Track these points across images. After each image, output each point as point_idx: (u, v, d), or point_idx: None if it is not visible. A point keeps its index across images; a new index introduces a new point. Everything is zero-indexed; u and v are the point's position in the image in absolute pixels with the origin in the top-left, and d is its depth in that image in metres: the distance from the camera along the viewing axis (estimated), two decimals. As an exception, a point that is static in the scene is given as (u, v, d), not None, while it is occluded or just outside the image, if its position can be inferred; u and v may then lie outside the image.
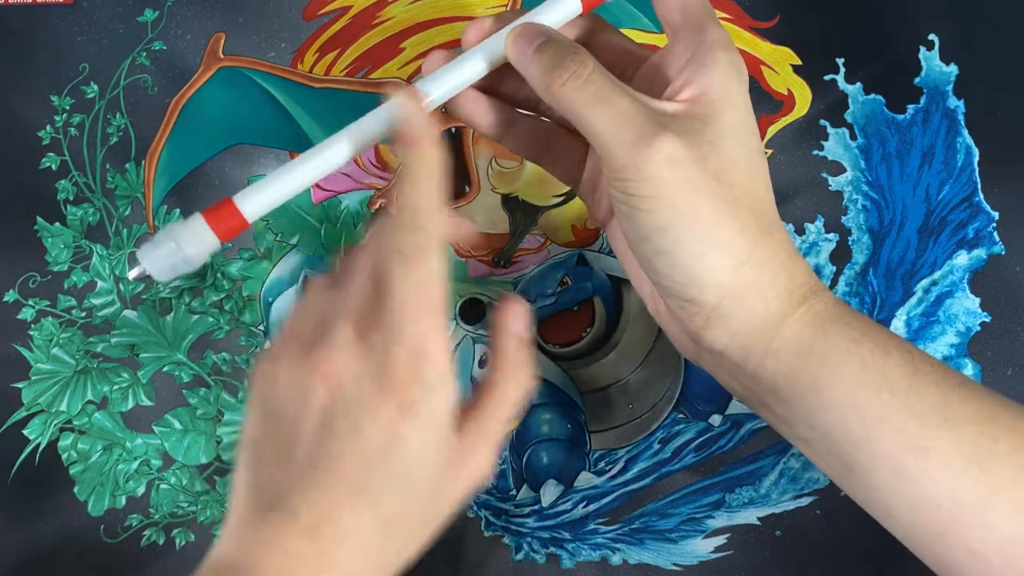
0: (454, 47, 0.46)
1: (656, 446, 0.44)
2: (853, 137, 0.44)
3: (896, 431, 0.27)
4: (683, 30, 0.30)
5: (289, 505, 0.27)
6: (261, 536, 0.27)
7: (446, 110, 0.33)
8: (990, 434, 0.27)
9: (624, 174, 0.27)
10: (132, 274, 0.29)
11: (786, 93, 0.45)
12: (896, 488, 0.27)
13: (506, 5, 0.46)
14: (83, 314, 0.46)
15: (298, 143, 0.46)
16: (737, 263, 0.28)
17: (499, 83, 0.33)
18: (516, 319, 0.31)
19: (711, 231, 0.28)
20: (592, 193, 0.34)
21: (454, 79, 0.31)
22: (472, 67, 0.31)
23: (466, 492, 0.30)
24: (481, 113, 0.33)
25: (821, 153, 0.45)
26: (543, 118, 0.35)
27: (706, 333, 0.29)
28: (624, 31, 0.46)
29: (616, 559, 0.43)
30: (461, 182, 0.46)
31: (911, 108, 0.44)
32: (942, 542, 0.27)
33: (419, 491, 0.28)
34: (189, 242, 0.29)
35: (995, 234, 0.43)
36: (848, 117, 0.45)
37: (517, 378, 0.31)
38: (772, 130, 0.45)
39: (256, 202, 0.30)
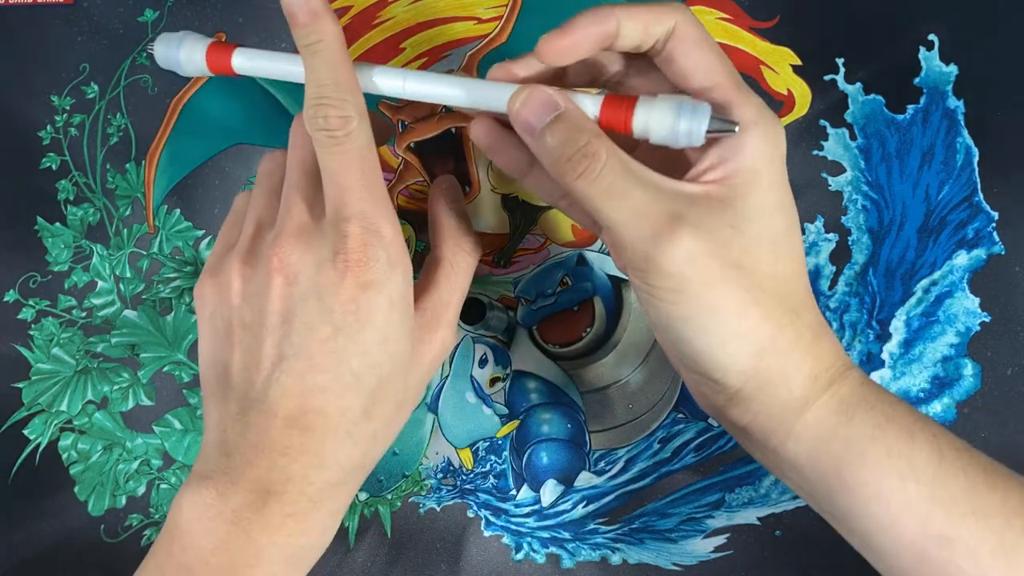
0: (450, 49, 0.46)
1: (656, 446, 0.44)
2: (853, 137, 0.45)
3: (921, 520, 0.26)
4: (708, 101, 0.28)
5: (268, 401, 0.27)
6: (248, 437, 0.27)
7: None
8: (1018, 526, 0.26)
9: (644, 266, 0.26)
10: (149, 47, 0.35)
11: (786, 93, 0.45)
12: (920, 574, 0.27)
13: (506, 6, 0.46)
14: (83, 314, 0.46)
15: (298, 143, 0.46)
16: (760, 350, 0.27)
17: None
18: (448, 191, 0.32)
19: (733, 321, 0.27)
20: (593, 222, 0.34)
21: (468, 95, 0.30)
22: (447, 92, 0.30)
23: (434, 366, 0.31)
24: (502, 149, 0.32)
25: (821, 153, 0.45)
26: None
27: (728, 411, 0.29)
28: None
29: (616, 559, 0.43)
30: (461, 182, 0.46)
31: (911, 108, 0.44)
32: None
33: (392, 367, 0.28)
34: (187, 54, 0.32)
35: (995, 234, 0.43)
36: (848, 117, 0.45)
37: (461, 246, 0.31)
38: (772, 130, 0.45)
39: (248, 61, 0.32)
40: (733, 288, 0.27)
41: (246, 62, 0.32)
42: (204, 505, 0.28)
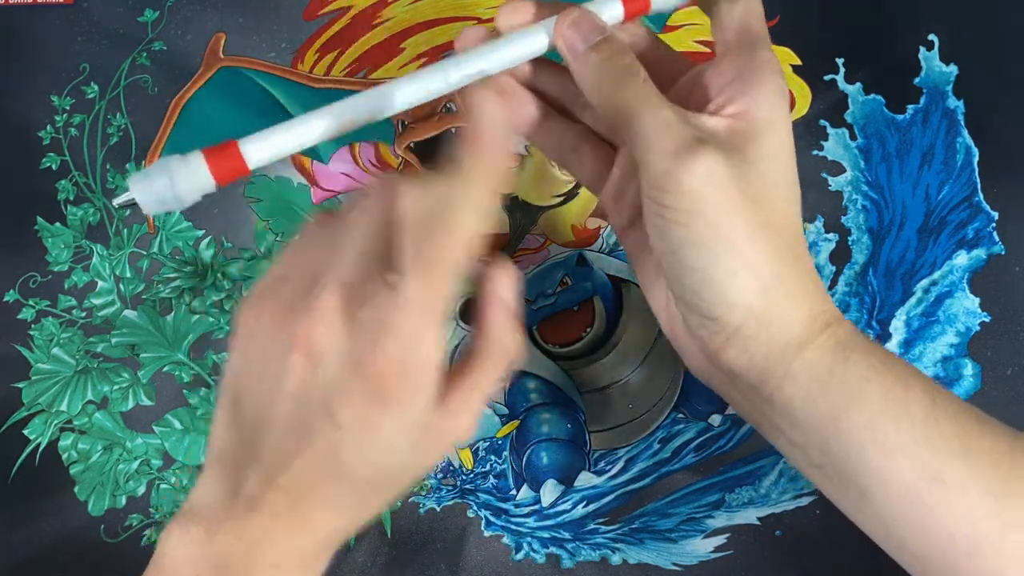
0: (451, 48, 0.46)
1: (656, 446, 0.44)
2: (853, 137, 0.45)
3: (914, 461, 0.27)
4: (734, 49, 0.29)
5: (264, 463, 0.27)
6: (244, 488, 0.27)
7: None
8: (1007, 467, 0.27)
9: (663, 183, 0.27)
10: (118, 200, 0.27)
11: (786, 93, 0.45)
12: (911, 518, 0.27)
13: (506, 5, 0.46)
14: (83, 314, 0.46)
15: (298, 143, 0.46)
16: (766, 285, 0.28)
17: (534, 77, 0.32)
18: (503, 284, 0.30)
19: (745, 251, 0.27)
20: (615, 202, 0.33)
21: (504, 55, 0.29)
22: (528, 45, 0.29)
23: (444, 453, 0.31)
24: (516, 107, 0.32)
25: (821, 153, 0.45)
26: (573, 120, 0.34)
27: (726, 353, 0.29)
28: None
29: (616, 559, 0.43)
30: (461, 182, 0.46)
31: (911, 108, 0.44)
32: (954, 573, 0.27)
33: (395, 467, 0.28)
34: (183, 178, 0.27)
35: (995, 234, 0.43)
36: (848, 117, 0.45)
37: (504, 345, 0.30)
38: (772, 130, 0.45)
39: (261, 149, 0.28)
40: (747, 218, 0.27)
41: (260, 154, 0.28)
42: (191, 542, 0.27)
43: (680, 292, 0.29)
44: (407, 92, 0.29)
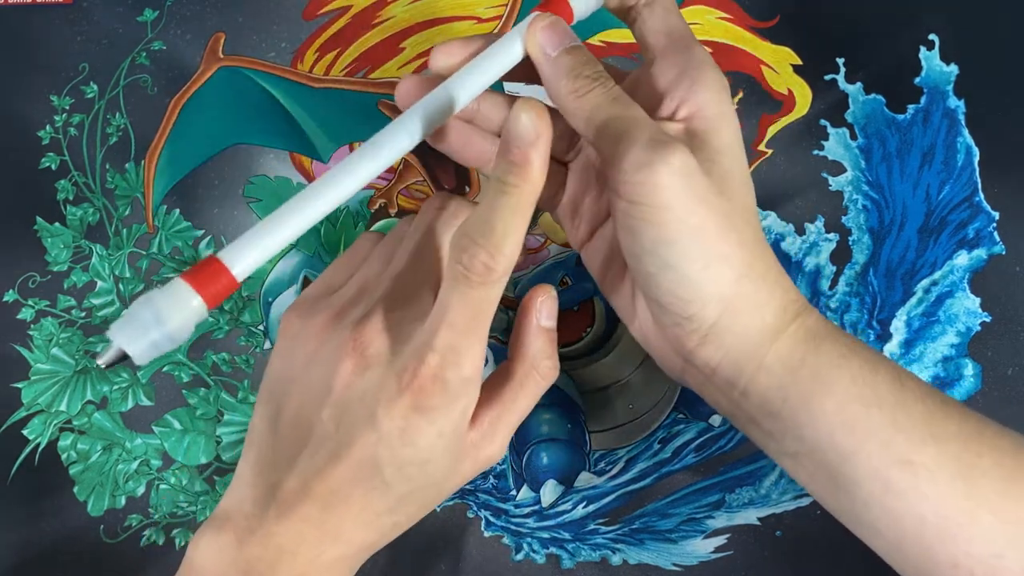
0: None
1: (656, 446, 0.44)
2: (853, 137, 0.44)
3: (884, 445, 0.27)
4: (668, 51, 0.30)
5: (300, 470, 0.28)
6: (276, 495, 0.28)
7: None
8: (975, 450, 0.27)
9: (636, 177, 0.27)
10: (102, 360, 0.24)
11: (786, 93, 0.45)
12: (882, 502, 0.28)
13: (506, 5, 0.46)
14: (83, 314, 0.46)
15: (298, 143, 0.46)
16: (738, 275, 0.28)
17: (478, 110, 0.32)
18: (544, 309, 0.31)
19: (715, 244, 0.28)
20: (571, 217, 0.34)
21: (482, 75, 0.29)
22: (507, 55, 0.29)
23: (476, 473, 0.30)
24: (466, 144, 0.32)
25: (821, 153, 0.45)
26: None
27: (701, 351, 0.29)
28: (624, 31, 0.46)
29: (616, 559, 0.43)
30: (461, 182, 0.46)
31: (911, 108, 0.44)
32: (927, 556, 0.27)
33: (428, 481, 0.29)
34: (172, 312, 0.24)
35: (995, 234, 0.43)
36: (848, 117, 0.45)
37: (538, 370, 0.31)
38: (772, 130, 0.45)
39: (245, 258, 0.26)
40: (715, 211, 0.27)
41: (246, 264, 0.26)
42: (220, 548, 0.28)
43: (655, 293, 0.29)
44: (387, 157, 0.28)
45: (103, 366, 0.24)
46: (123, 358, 0.24)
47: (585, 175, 0.33)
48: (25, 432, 0.45)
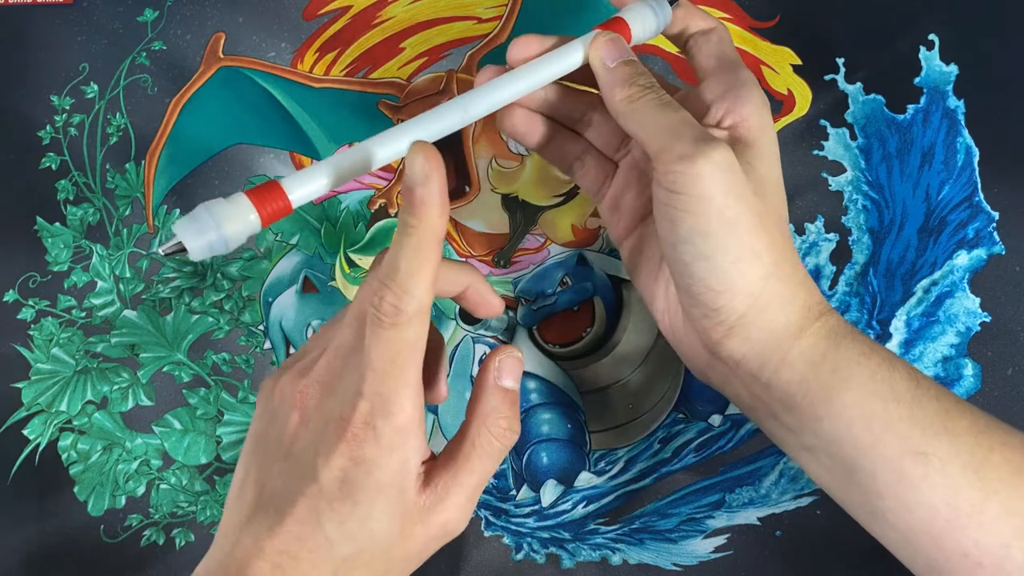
0: (450, 48, 0.46)
1: (656, 446, 0.44)
2: (853, 137, 0.44)
3: (900, 438, 0.29)
4: (717, 71, 0.33)
5: (255, 527, 0.28)
6: (235, 553, 0.28)
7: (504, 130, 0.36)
8: (986, 445, 0.29)
9: (679, 166, 0.29)
10: (164, 248, 0.27)
11: (786, 93, 0.45)
12: (897, 492, 0.29)
13: (506, 5, 0.46)
14: (83, 314, 0.46)
15: (298, 143, 0.46)
16: (767, 273, 0.30)
17: (545, 101, 0.36)
18: (508, 370, 0.31)
19: (748, 239, 0.29)
20: (614, 210, 0.37)
21: (541, 72, 0.33)
22: (567, 60, 0.33)
23: (435, 545, 0.30)
24: (533, 129, 0.36)
25: (821, 153, 0.45)
26: (578, 135, 0.38)
27: (727, 342, 0.31)
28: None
29: (616, 559, 0.43)
30: (461, 182, 0.46)
31: (911, 108, 0.44)
32: (937, 545, 0.28)
33: (372, 542, 0.28)
34: (230, 221, 0.27)
35: (995, 234, 0.43)
36: (848, 117, 0.45)
37: (491, 431, 0.30)
38: (772, 130, 0.45)
39: (303, 187, 0.29)
40: (750, 209, 0.29)
41: (303, 193, 0.29)
42: None
43: (687, 283, 0.31)
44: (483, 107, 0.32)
45: (163, 254, 0.27)
46: (181, 251, 0.27)
47: (629, 174, 0.36)
48: (25, 432, 0.45)
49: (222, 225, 0.27)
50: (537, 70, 0.33)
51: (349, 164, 0.29)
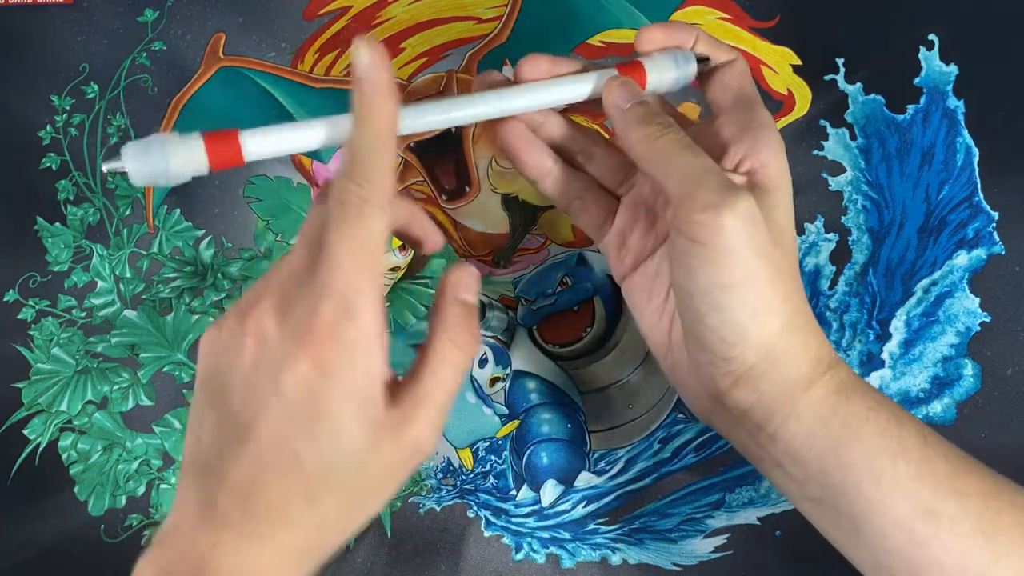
0: (450, 48, 0.46)
1: (656, 446, 0.44)
2: (853, 137, 0.44)
3: (910, 496, 0.28)
4: (736, 109, 0.32)
5: (221, 467, 0.27)
6: (198, 501, 0.27)
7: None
8: (995, 507, 0.29)
9: (702, 216, 0.28)
10: (107, 166, 0.28)
11: (786, 93, 0.45)
12: (905, 551, 0.28)
13: (506, 6, 0.46)
14: (83, 314, 0.46)
15: (298, 143, 0.46)
16: (782, 325, 0.29)
17: (550, 129, 0.35)
18: (465, 285, 0.31)
19: (767, 294, 0.29)
20: (618, 248, 0.35)
21: (547, 93, 0.32)
22: (573, 91, 0.32)
23: (407, 465, 0.29)
24: (533, 153, 0.35)
25: (821, 153, 0.45)
26: (578, 169, 0.36)
27: (734, 392, 0.30)
28: (624, 31, 0.46)
29: (616, 559, 0.43)
30: (461, 182, 0.46)
31: (911, 108, 0.44)
32: None
33: (344, 458, 0.27)
34: (178, 156, 0.28)
35: (995, 234, 0.43)
36: (848, 117, 0.45)
37: (457, 341, 0.30)
38: (772, 130, 0.45)
39: (259, 142, 0.29)
40: (770, 261, 0.29)
41: (256, 147, 0.29)
42: (158, 572, 0.27)
43: (700, 332, 0.30)
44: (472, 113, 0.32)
45: (104, 170, 0.29)
46: (123, 172, 0.28)
47: (635, 210, 0.35)
48: (26, 432, 0.45)
49: (169, 158, 0.28)
50: (545, 90, 0.32)
51: (309, 130, 0.30)
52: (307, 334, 0.26)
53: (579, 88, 0.32)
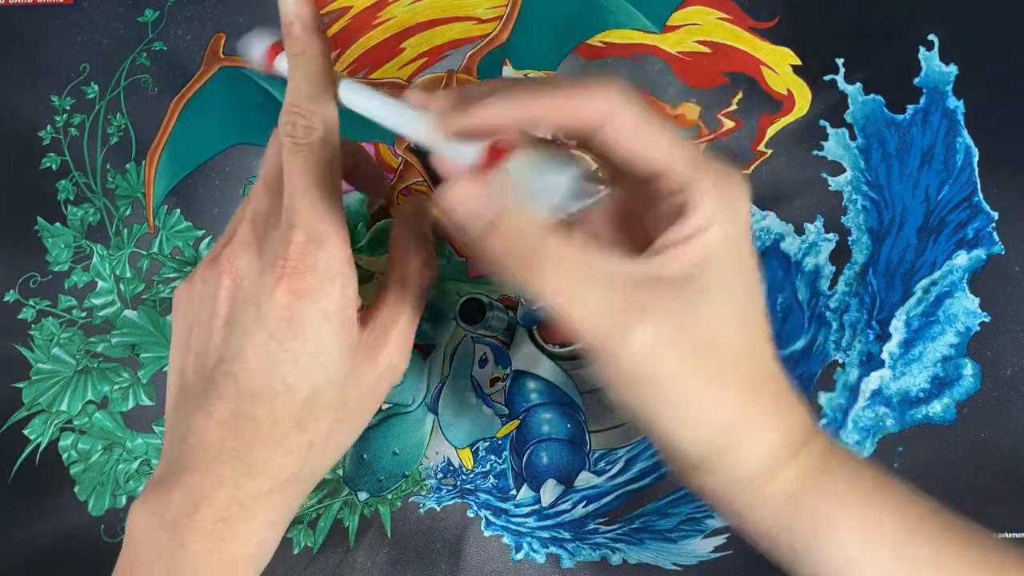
0: (451, 49, 0.46)
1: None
2: (853, 137, 0.45)
3: None
4: (652, 185, 0.26)
5: (207, 404, 0.28)
6: (188, 440, 0.28)
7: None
8: None
9: (602, 359, 0.25)
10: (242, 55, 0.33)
11: (786, 93, 0.45)
12: None
13: (506, 6, 0.46)
14: (83, 314, 0.46)
15: (298, 143, 0.46)
16: (726, 426, 0.26)
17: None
18: (418, 214, 0.32)
19: (696, 407, 0.26)
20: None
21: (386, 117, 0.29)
22: (406, 126, 0.28)
23: (383, 385, 0.31)
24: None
25: (821, 153, 0.45)
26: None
27: (692, 476, 0.28)
28: (624, 31, 0.46)
29: (616, 559, 0.43)
30: (461, 182, 0.46)
31: (911, 108, 0.44)
32: None
33: (327, 379, 0.28)
34: (256, 50, 0.31)
35: (995, 234, 0.43)
36: (848, 117, 0.45)
37: (414, 268, 0.31)
38: (772, 130, 0.45)
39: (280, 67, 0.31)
40: (696, 376, 0.25)
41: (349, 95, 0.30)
42: (149, 513, 0.28)
43: (644, 430, 0.28)
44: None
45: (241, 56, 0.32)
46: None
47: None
48: (26, 432, 0.45)
49: (251, 49, 0.31)
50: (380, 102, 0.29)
51: (394, 108, 0.29)
52: (282, 263, 0.27)
53: (410, 126, 0.28)
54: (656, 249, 0.26)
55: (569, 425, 0.44)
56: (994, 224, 0.43)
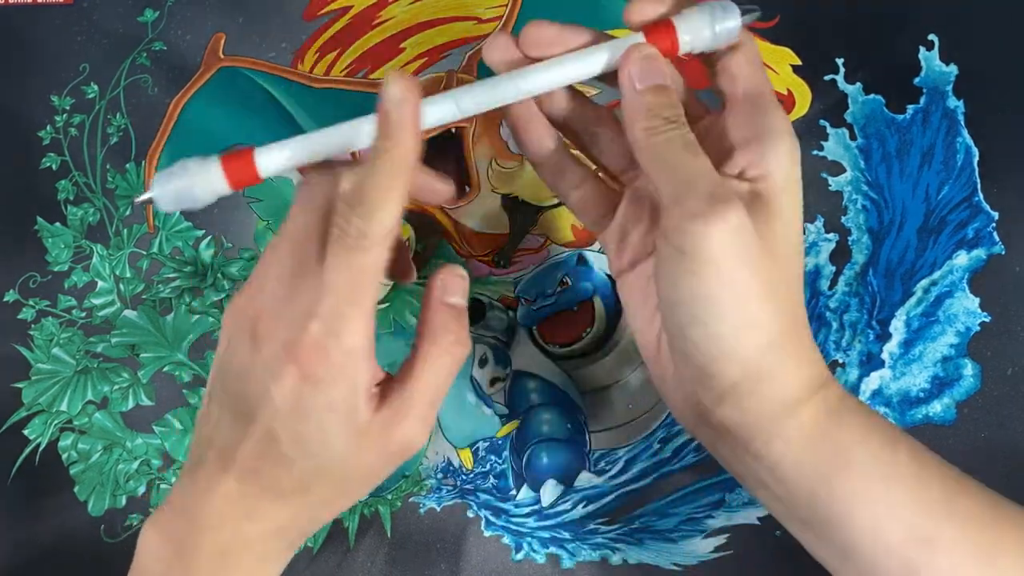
0: (451, 48, 0.46)
1: (656, 446, 0.44)
2: (853, 137, 0.45)
3: (904, 523, 0.28)
4: (746, 109, 0.30)
5: (217, 444, 0.29)
6: (198, 472, 0.29)
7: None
8: (994, 529, 0.28)
9: (690, 225, 0.26)
10: (138, 199, 0.30)
11: (786, 93, 0.45)
12: None
13: (506, 6, 0.46)
14: (83, 314, 0.46)
15: (298, 143, 0.46)
16: (768, 343, 0.28)
17: (552, 103, 0.32)
18: (452, 288, 0.31)
19: (752, 308, 0.27)
20: (618, 242, 0.33)
21: (564, 72, 0.30)
22: (586, 66, 0.30)
23: (395, 461, 0.30)
24: (536, 138, 0.33)
25: (821, 153, 0.45)
26: (581, 160, 0.34)
27: (718, 409, 0.29)
28: (624, 31, 0.46)
29: (616, 559, 0.43)
30: (461, 182, 0.46)
31: (911, 108, 0.44)
32: None
33: (330, 457, 0.29)
34: (200, 181, 0.29)
35: (995, 234, 0.43)
36: (848, 117, 0.45)
37: (443, 345, 0.30)
38: (772, 130, 0.45)
39: (273, 159, 0.30)
40: (759, 276, 0.27)
41: (271, 164, 0.30)
42: (158, 532, 0.30)
43: (681, 344, 0.29)
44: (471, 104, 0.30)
45: (136, 202, 0.32)
46: (150, 201, 0.30)
47: (639, 204, 0.33)
48: (26, 432, 0.45)
49: (194, 185, 0.29)
50: (559, 68, 0.30)
51: (323, 141, 0.30)
52: (295, 347, 0.27)
53: (596, 62, 0.29)
54: (741, 166, 0.29)
55: (569, 425, 0.44)
56: (994, 224, 0.43)
